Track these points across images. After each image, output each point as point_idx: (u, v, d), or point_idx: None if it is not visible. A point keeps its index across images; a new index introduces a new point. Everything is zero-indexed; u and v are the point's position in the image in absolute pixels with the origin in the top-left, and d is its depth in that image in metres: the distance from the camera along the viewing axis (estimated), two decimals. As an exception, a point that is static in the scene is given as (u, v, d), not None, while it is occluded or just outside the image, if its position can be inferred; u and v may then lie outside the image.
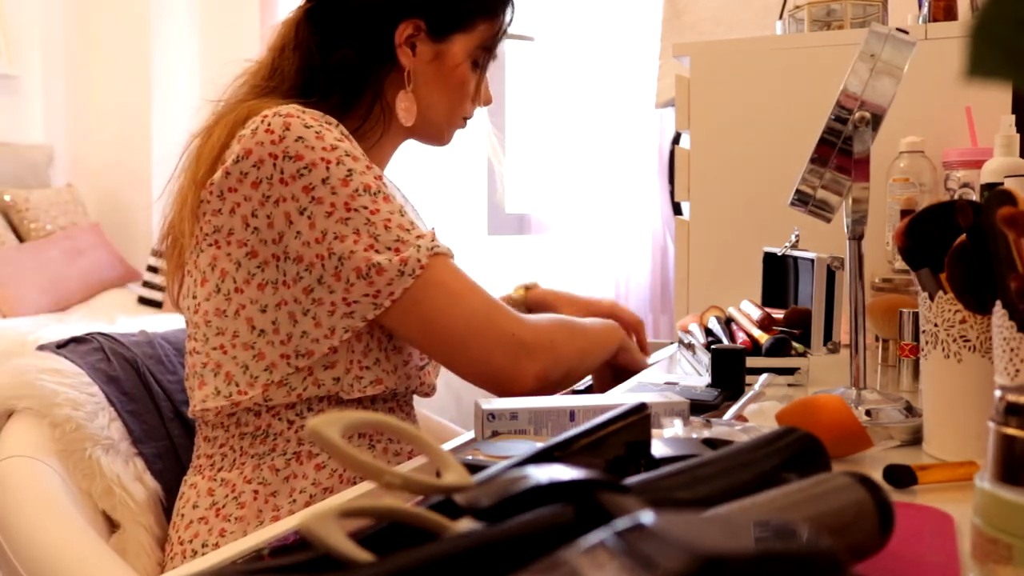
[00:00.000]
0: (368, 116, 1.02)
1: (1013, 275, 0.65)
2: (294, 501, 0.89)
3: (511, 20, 1.06)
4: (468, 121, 1.09)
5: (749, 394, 0.94)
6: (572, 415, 0.78)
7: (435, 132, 1.07)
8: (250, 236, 0.88)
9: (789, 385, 1.07)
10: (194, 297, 0.93)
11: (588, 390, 1.17)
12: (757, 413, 0.92)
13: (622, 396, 0.88)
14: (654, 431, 0.68)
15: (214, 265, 0.90)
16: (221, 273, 0.90)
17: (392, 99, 1.02)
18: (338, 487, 0.90)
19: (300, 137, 0.87)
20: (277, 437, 0.92)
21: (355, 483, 0.91)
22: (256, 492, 0.90)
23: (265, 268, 0.89)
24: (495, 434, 0.77)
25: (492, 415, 0.77)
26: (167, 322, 2.77)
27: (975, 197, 1.30)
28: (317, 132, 0.88)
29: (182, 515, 0.91)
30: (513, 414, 0.77)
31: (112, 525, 0.90)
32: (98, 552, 0.80)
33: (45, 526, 0.81)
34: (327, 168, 0.86)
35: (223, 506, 0.89)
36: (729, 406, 0.91)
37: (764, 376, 0.98)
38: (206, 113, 0.99)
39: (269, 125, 0.87)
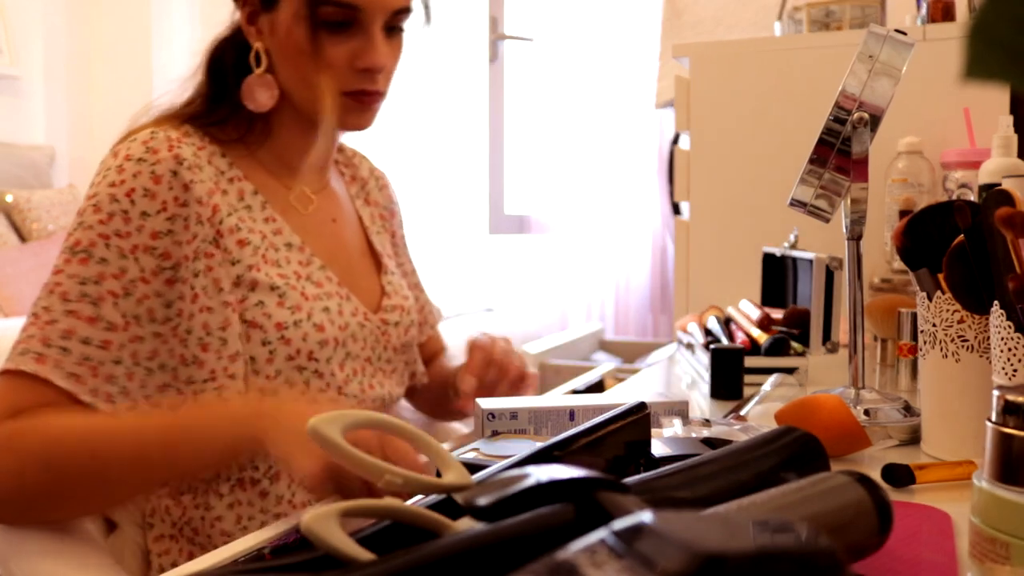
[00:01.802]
0: (252, 116, 0.94)
1: (1011, 275, 0.65)
2: (220, 533, 0.86)
3: None
4: (362, 95, 0.92)
5: (759, 395, 0.95)
6: (572, 415, 0.78)
7: (316, 114, 0.92)
8: None
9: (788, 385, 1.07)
10: None
11: (589, 390, 1.17)
12: (757, 413, 0.93)
13: (622, 396, 0.88)
14: (654, 431, 0.68)
15: None
16: None
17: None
18: (252, 527, 0.86)
19: (104, 176, 0.84)
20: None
21: (267, 524, 0.85)
22: (177, 523, 0.88)
23: None
24: (495, 434, 0.77)
25: (492, 415, 0.77)
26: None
27: (973, 198, 1.30)
28: (120, 167, 0.83)
29: (151, 524, 0.89)
30: (513, 414, 0.78)
31: (110, 524, 0.90)
32: (94, 552, 0.80)
33: (39, 526, 0.80)
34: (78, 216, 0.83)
35: (180, 528, 0.88)
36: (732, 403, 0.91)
37: (774, 376, 0.98)
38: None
39: (108, 163, 0.85)
